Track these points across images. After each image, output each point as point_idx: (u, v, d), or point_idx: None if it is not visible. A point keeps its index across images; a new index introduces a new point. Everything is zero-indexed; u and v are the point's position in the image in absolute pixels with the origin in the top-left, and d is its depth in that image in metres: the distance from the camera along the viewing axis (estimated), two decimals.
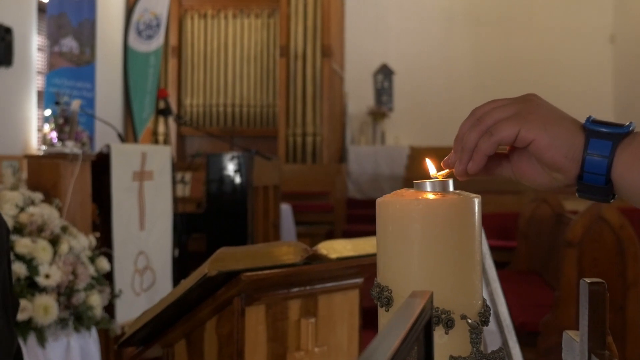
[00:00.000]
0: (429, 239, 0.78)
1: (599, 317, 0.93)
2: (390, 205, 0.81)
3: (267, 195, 6.83)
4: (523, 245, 6.57)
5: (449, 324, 0.77)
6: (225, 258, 1.47)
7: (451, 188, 0.82)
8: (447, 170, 0.91)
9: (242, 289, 1.50)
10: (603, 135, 0.83)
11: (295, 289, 1.63)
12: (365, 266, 1.73)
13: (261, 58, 11.40)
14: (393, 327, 0.48)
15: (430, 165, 0.93)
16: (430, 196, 0.80)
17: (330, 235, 9.79)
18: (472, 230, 0.80)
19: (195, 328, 1.58)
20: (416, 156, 11.96)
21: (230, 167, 6.15)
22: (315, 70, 10.90)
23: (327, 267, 1.63)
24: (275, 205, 7.11)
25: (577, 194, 0.88)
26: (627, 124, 0.84)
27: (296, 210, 8.80)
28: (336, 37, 11.63)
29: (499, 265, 7.12)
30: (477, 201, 0.81)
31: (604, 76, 13.03)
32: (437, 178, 0.88)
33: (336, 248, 1.69)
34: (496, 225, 7.53)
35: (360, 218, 10.91)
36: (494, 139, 0.86)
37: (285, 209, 8.01)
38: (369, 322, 1.90)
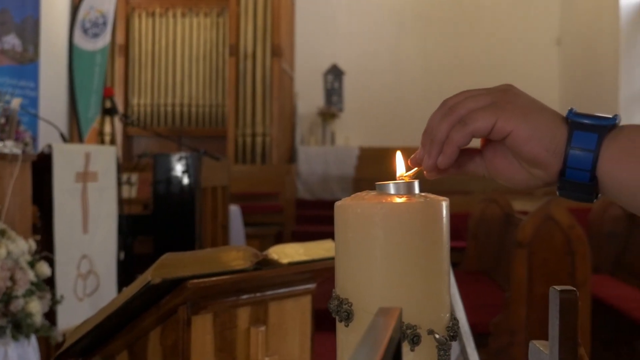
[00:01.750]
0: (393, 247, 0.71)
1: (571, 327, 0.88)
2: (350, 210, 0.73)
3: (216, 196, 6.72)
4: (472, 246, 6.58)
5: (415, 340, 0.70)
6: (170, 264, 1.38)
7: (417, 190, 0.75)
8: (413, 170, 0.83)
9: (188, 297, 1.41)
10: (588, 128, 0.75)
11: (245, 296, 1.55)
12: (318, 271, 1.66)
13: (210, 57, 11.27)
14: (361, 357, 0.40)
15: (399, 161, 0.84)
16: (395, 199, 0.72)
17: (279, 237, 9.71)
18: (440, 237, 0.72)
19: (139, 338, 1.49)
20: (366, 157, 11.96)
21: (178, 168, 6.03)
22: (265, 70, 10.81)
23: (278, 273, 1.55)
24: (224, 206, 6.99)
25: (557, 193, 0.80)
26: (613, 115, 0.77)
27: (245, 211, 8.69)
28: (286, 37, 11.56)
29: None
30: (445, 204, 0.73)
31: (550, 79, 13.19)
32: (403, 179, 0.80)
33: (288, 252, 1.61)
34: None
35: (310, 219, 10.85)
36: (467, 129, 0.77)
37: (234, 210, 7.90)
38: (319, 325, 1.83)
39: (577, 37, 12.23)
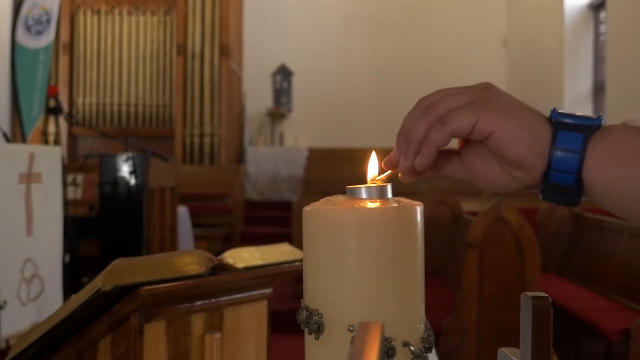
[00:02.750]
0: (366, 255, 0.67)
1: (544, 335, 0.85)
2: (321, 215, 0.68)
3: (164, 197, 6.61)
4: None
5: (389, 353, 0.66)
6: (121, 270, 1.32)
7: (390, 194, 0.71)
8: (387, 173, 0.79)
9: (141, 304, 1.35)
10: (573, 128, 0.71)
11: (199, 302, 1.49)
12: (274, 275, 1.61)
13: (157, 56, 11.13)
14: None
15: (372, 163, 0.80)
16: (368, 204, 0.68)
17: (228, 238, 9.63)
18: (414, 243, 0.69)
19: (88, 347, 1.43)
20: (315, 157, 11.94)
21: (125, 169, 5.91)
22: (213, 69, 10.71)
23: (234, 278, 1.50)
24: (172, 207, 6.89)
25: (540, 196, 0.76)
26: (597, 115, 0.73)
27: (193, 213, 8.58)
28: (234, 37, 11.47)
29: None
30: (419, 209, 0.70)
31: (496, 80, 13.32)
32: (375, 182, 0.76)
33: (243, 257, 1.56)
34: None
35: (258, 220, 10.79)
36: (447, 129, 0.73)
37: (182, 211, 7.80)
38: (273, 328, 1.79)
39: (523, 39, 12.40)
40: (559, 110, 0.74)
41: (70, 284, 4.74)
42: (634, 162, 0.69)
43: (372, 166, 0.79)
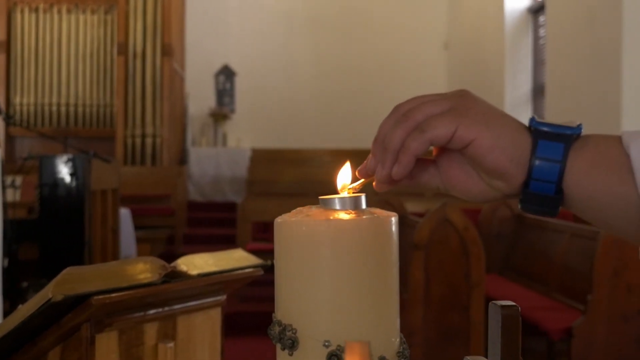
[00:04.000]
0: (342, 267, 0.65)
1: (514, 345, 0.84)
2: (295, 227, 0.66)
3: (106, 199, 6.50)
4: None
5: None
6: (72, 280, 1.28)
7: (364, 205, 0.69)
8: (360, 182, 0.77)
9: (92, 314, 1.31)
10: (553, 137, 0.70)
11: (152, 311, 1.46)
12: (229, 282, 1.58)
13: (97, 56, 10.93)
14: None
15: (345, 171, 0.77)
16: (343, 216, 0.66)
17: (171, 240, 9.52)
18: (390, 255, 0.67)
19: (36, 359, 1.38)
20: (258, 158, 11.88)
21: (65, 170, 5.78)
22: (155, 69, 10.57)
23: (188, 285, 1.46)
24: (114, 209, 6.78)
25: (520, 206, 0.74)
26: (577, 124, 0.72)
27: (135, 214, 8.46)
28: (177, 36, 11.34)
29: None
30: (394, 220, 0.68)
31: (438, 82, 13.48)
32: (350, 191, 0.74)
33: (197, 263, 1.53)
34: None
35: (201, 221, 10.70)
36: (425, 137, 0.71)
37: (124, 213, 7.68)
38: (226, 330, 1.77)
39: (464, 42, 12.55)
40: (538, 119, 0.73)
41: (9, 289, 4.62)
42: (617, 172, 0.69)
43: (344, 174, 0.76)
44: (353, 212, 0.67)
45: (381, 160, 0.74)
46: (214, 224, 10.58)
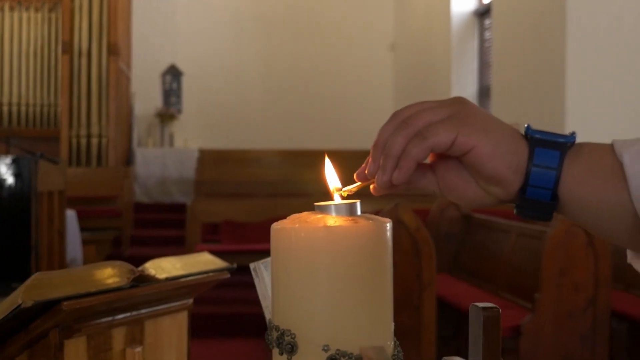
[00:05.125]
0: (340, 273, 0.66)
1: (495, 346, 0.86)
2: (293, 233, 0.67)
3: (52, 201, 6.38)
4: None
5: None
6: (41, 285, 1.26)
7: (359, 211, 0.70)
8: (357, 185, 0.78)
9: (61, 320, 1.30)
10: (549, 145, 0.73)
11: (120, 316, 1.45)
12: (196, 285, 1.58)
13: (41, 54, 10.73)
14: None
15: (330, 172, 0.78)
16: (341, 222, 0.67)
17: (117, 242, 9.40)
18: (386, 261, 0.69)
19: None
20: (206, 159, 11.82)
21: (9, 172, 5.66)
22: (101, 68, 10.42)
23: (156, 289, 1.46)
24: (60, 212, 6.66)
25: (515, 211, 0.77)
26: (570, 133, 0.75)
27: (81, 216, 8.33)
28: (123, 35, 11.20)
29: None
30: (389, 226, 0.70)
31: (384, 83, 13.59)
32: (344, 194, 0.75)
33: (164, 267, 1.52)
34: None
35: (149, 223, 10.60)
36: (426, 143, 0.73)
37: (70, 215, 7.55)
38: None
39: (411, 44, 12.67)
40: (533, 127, 0.75)
41: None
42: (610, 180, 0.71)
43: (331, 175, 0.78)
44: (350, 218, 0.68)
45: (382, 165, 0.75)
46: (162, 225, 10.48)
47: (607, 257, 4.59)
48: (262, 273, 1.20)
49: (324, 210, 0.70)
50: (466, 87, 10.42)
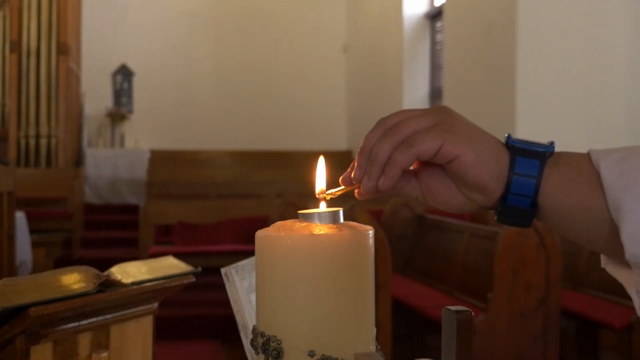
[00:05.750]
0: (325, 280, 0.67)
1: (467, 348, 0.89)
2: (279, 241, 0.68)
3: (1, 203, 6.27)
4: None
5: None
6: (8, 291, 1.25)
7: (342, 219, 0.72)
8: (341, 188, 0.80)
9: (28, 326, 1.29)
10: (530, 154, 0.75)
11: (86, 321, 1.44)
12: (161, 290, 1.58)
13: None
14: None
15: (320, 174, 0.80)
16: (326, 230, 0.69)
17: (68, 243, 9.27)
18: (369, 267, 0.70)
19: None
20: (157, 159, 11.73)
21: None
22: (51, 68, 10.27)
23: (123, 294, 1.45)
24: (10, 214, 6.54)
25: (495, 217, 0.79)
26: (549, 143, 0.77)
27: (30, 218, 8.20)
28: (73, 34, 11.05)
29: None
30: (371, 234, 0.71)
31: (337, 84, 13.63)
32: (328, 197, 0.77)
33: (130, 272, 1.52)
34: (243, 230, 7.56)
35: (99, 224, 10.47)
36: (412, 151, 0.74)
37: (19, 216, 7.42)
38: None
39: (363, 45, 12.73)
40: (513, 137, 0.77)
41: None
42: (588, 188, 0.74)
43: (320, 176, 0.80)
44: (333, 226, 0.70)
45: (368, 172, 0.76)
46: (113, 226, 10.37)
47: (558, 258, 4.69)
48: (234, 277, 1.21)
49: (308, 218, 0.71)
50: (418, 89, 10.52)
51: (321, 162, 0.82)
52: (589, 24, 7.21)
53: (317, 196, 0.79)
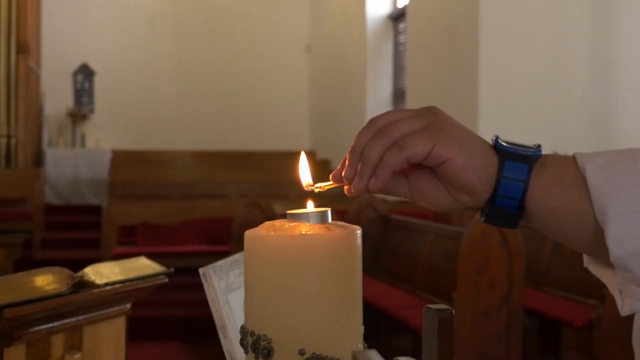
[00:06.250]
0: (316, 279, 0.68)
1: (448, 346, 0.90)
2: (270, 241, 0.69)
3: None
4: (236, 249, 6.58)
5: None
6: None
7: (330, 219, 0.73)
8: (329, 184, 0.81)
9: (2, 328, 1.27)
10: (518, 158, 0.77)
11: (59, 322, 1.43)
12: (133, 291, 1.57)
13: None
14: None
15: (304, 165, 0.81)
16: (316, 230, 0.70)
17: (28, 244, 9.14)
18: (357, 267, 0.71)
19: None
20: (119, 160, 11.63)
21: None
22: (10, 67, 10.12)
23: (97, 295, 1.44)
24: None
25: (483, 219, 0.81)
26: (536, 146, 0.79)
27: None
28: (33, 33, 10.90)
29: None
30: (359, 233, 0.72)
31: (300, 85, 13.64)
32: (317, 190, 0.79)
33: (103, 272, 1.51)
34: (208, 231, 7.53)
35: (60, 225, 10.33)
36: (403, 154, 0.76)
37: None
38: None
39: (326, 46, 12.75)
40: (501, 139, 0.79)
41: None
42: (574, 191, 0.76)
43: (304, 170, 0.81)
44: (322, 226, 0.71)
45: (359, 172, 0.78)
46: (75, 227, 10.25)
47: (521, 257, 4.75)
48: (212, 278, 1.21)
49: (297, 218, 0.72)
50: (381, 90, 10.57)
51: (303, 157, 0.83)
52: (548, 27, 7.32)
53: (305, 189, 0.81)
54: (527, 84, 7.26)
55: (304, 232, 0.69)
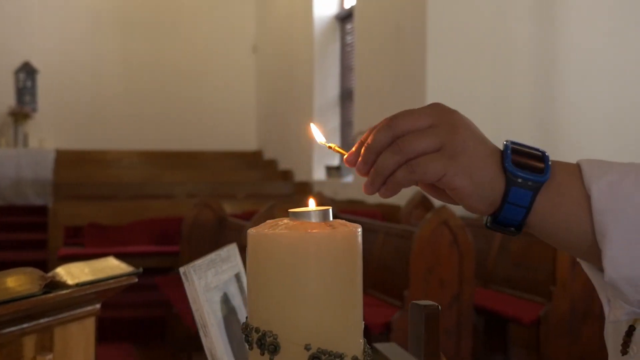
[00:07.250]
0: (320, 276, 0.70)
1: (434, 340, 0.93)
2: (274, 239, 0.71)
3: None
4: (186, 249, 6.57)
5: None
6: None
7: (331, 217, 0.75)
8: (340, 148, 0.87)
9: None
10: (525, 186, 0.78)
11: (31, 324, 1.42)
12: (103, 291, 1.57)
13: None
14: None
15: (316, 133, 0.87)
16: (320, 228, 0.71)
17: None
18: (359, 264, 0.74)
19: None
20: (64, 159, 11.44)
21: None
22: None
23: (69, 295, 1.44)
24: None
25: (486, 226, 0.83)
26: (546, 167, 0.79)
27: None
28: None
29: (163, 271, 6.98)
30: (359, 231, 0.75)
31: (247, 85, 13.61)
32: (334, 146, 0.86)
33: (74, 272, 1.50)
34: (157, 231, 7.46)
35: (4, 226, 10.13)
36: (414, 177, 0.79)
37: None
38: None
39: (273, 46, 12.74)
40: (512, 148, 0.80)
41: None
42: (576, 213, 0.78)
43: (317, 133, 0.88)
44: (325, 224, 0.73)
45: (371, 178, 0.81)
46: (18, 228, 10.05)
47: (471, 256, 4.83)
48: (192, 277, 1.22)
49: (299, 216, 0.73)
50: (328, 90, 10.61)
51: (313, 126, 0.89)
52: (494, 27, 7.45)
53: (324, 145, 0.88)
54: (473, 84, 7.37)
55: (309, 230, 0.71)
